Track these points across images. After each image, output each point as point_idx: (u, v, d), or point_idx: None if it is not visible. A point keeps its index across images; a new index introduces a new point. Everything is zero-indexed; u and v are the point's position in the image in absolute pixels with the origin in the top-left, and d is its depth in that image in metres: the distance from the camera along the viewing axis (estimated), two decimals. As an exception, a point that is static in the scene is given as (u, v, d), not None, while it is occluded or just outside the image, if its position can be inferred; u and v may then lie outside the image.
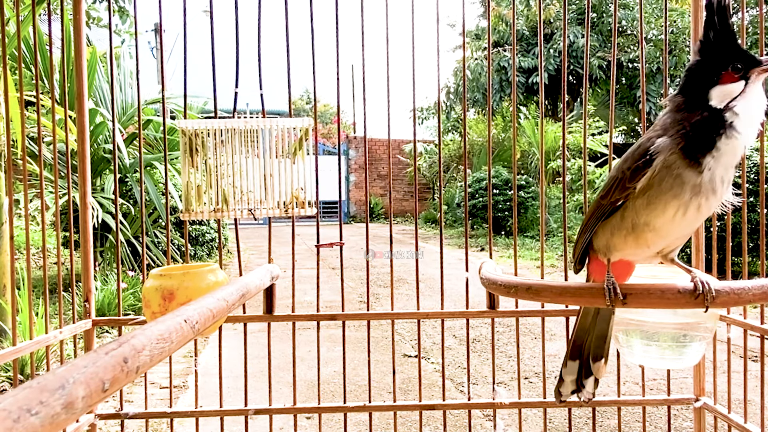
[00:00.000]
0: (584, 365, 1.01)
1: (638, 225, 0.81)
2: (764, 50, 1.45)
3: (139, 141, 1.71)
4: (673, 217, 0.78)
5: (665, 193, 0.77)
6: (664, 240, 0.83)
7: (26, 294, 1.75)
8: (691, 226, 0.80)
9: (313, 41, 1.69)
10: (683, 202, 0.76)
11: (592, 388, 1.03)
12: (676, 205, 0.77)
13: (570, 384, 1.03)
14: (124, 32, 7.07)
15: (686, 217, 0.78)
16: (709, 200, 0.77)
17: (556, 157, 9.39)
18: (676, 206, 0.77)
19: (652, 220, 0.80)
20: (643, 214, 0.80)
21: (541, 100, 1.66)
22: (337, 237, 1.72)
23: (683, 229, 0.81)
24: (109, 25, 1.66)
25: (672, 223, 0.79)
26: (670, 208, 0.77)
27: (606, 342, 1.00)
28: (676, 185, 0.76)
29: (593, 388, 1.03)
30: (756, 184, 4.52)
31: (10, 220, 1.57)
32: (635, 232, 0.82)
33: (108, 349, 0.52)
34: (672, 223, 0.79)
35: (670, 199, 0.77)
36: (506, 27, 12.54)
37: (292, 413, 1.66)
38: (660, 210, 0.78)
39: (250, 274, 1.25)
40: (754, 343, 2.74)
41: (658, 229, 0.80)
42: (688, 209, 0.77)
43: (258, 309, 1.65)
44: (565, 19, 1.64)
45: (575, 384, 1.03)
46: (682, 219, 0.78)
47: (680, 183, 0.76)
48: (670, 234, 0.81)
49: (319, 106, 16.97)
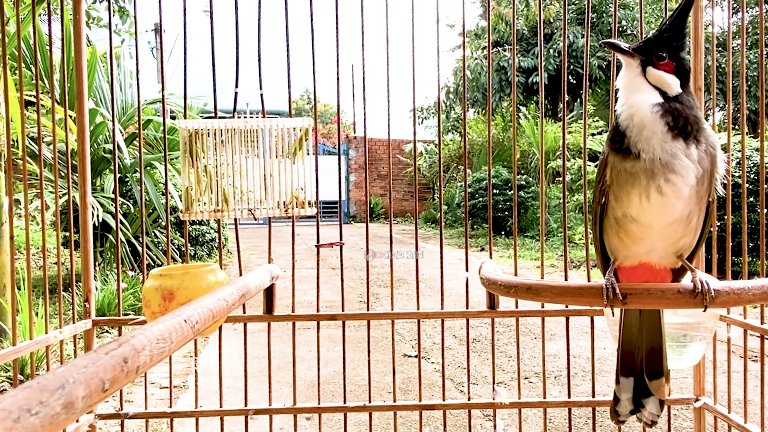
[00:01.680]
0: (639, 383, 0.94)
1: (619, 219, 0.85)
2: (764, 50, 1.45)
3: (139, 141, 1.71)
4: (640, 204, 0.81)
5: (624, 186, 0.82)
6: (652, 231, 0.84)
7: (26, 294, 1.75)
8: (671, 209, 0.80)
9: (313, 41, 1.69)
10: (642, 188, 0.80)
11: (656, 409, 0.93)
12: (637, 192, 0.81)
13: (627, 403, 0.95)
14: (124, 32, 7.07)
15: (653, 202, 0.80)
16: (671, 180, 0.79)
17: (556, 157, 9.38)
18: (637, 193, 0.81)
19: (626, 210, 0.83)
20: (618, 207, 0.84)
21: (541, 100, 1.66)
22: (337, 237, 1.72)
23: (664, 216, 0.81)
24: (109, 25, 1.66)
25: (644, 209, 0.81)
26: (633, 196, 0.81)
27: (661, 357, 0.93)
28: (628, 176, 0.81)
29: (657, 410, 0.93)
30: (756, 184, 4.52)
31: (10, 220, 1.57)
32: (621, 227, 0.86)
33: (108, 349, 0.52)
34: (644, 209, 0.81)
35: (630, 189, 0.81)
36: (506, 27, 12.53)
37: (292, 413, 1.66)
38: (626, 200, 0.83)
39: (250, 274, 1.25)
40: (754, 343, 2.74)
41: (637, 219, 0.83)
42: (650, 193, 0.80)
43: (258, 309, 1.65)
44: (565, 19, 1.64)
45: (632, 403, 0.95)
46: (649, 204, 0.81)
47: (629, 173, 0.81)
48: (655, 221, 0.82)
49: (319, 106, 16.98)
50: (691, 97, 0.84)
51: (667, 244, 0.86)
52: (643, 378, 0.93)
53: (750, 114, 10.37)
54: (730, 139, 1.65)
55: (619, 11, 9.28)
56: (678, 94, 0.83)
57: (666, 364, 0.93)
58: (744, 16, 1.65)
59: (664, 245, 0.86)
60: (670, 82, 0.83)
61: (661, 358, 0.93)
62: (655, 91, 0.83)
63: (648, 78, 0.84)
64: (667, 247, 0.86)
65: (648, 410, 0.94)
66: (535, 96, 12.29)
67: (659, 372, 0.93)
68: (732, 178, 1.63)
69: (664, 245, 0.86)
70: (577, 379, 2.88)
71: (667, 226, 0.83)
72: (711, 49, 1.59)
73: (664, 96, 0.82)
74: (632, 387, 0.94)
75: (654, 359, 0.93)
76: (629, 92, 0.84)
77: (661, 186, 0.79)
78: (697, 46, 1.62)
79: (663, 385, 0.92)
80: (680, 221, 0.82)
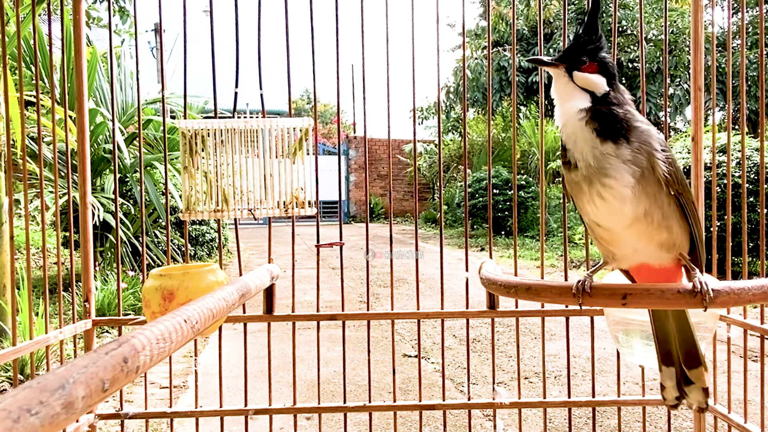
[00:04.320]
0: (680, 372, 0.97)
1: (588, 224, 0.90)
2: (764, 50, 1.45)
3: (139, 141, 1.71)
4: (593, 209, 0.85)
5: (577, 195, 0.87)
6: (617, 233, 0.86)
7: (26, 294, 1.75)
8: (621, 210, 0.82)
9: (313, 41, 1.69)
10: (586, 196, 0.84)
11: (701, 396, 0.96)
12: (585, 200, 0.85)
13: (672, 389, 0.98)
14: (124, 32, 7.07)
15: (599, 206, 0.83)
16: (608, 184, 0.81)
17: (556, 157, 9.38)
18: (585, 200, 0.85)
19: (589, 217, 0.87)
20: (583, 215, 0.89)
21: (541, 100, 1.66)
22: (337, 237, 1.72)
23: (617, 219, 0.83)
24: (109, 25, 1.66)
25: (597, 215, 0.85)
26: (584, 203, 0.86)
27: (696, 348, 0.95)
28: (574, 186, 0.86)
29: (702, 396, 0.96)
30: (756, 184, 4.52)
31: (10, 220, 1.57)
32: (593, 231, 0.90)
33: (108, 349, 0.52)
34: (597, 215, 0.85)
35: (581, 197, 0.86)
36: (506, 26, 12.54)
37: (292, 413, 1.66)
38: (582, 207, 0.87)
39: (250, 274, 1.25)
40: (754, 343, 2.74)
41: (600, 224, 0.87)
42: (593, 198, 0.83)
43: (258, 309, 1.65)
44: (565, 19, 1.64)
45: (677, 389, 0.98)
46: (598, 209, 0.84)
47: (575, 183, 0.85)
48: (613, 224, 0.85)
49: (319, 106, 16.97)
50: (619, 93, 0.87)
51: (649, 244, 0.86)
52: (683, 368, 0.96)
53: (750, 114, 10.36)
54: (730, 139, 1.65)
55: (619, 11, 9.28)
56: (606, 92, 0.86)
57: (701, 354, 0.96)
58: (744, 16, 1.65)
59: (645, 245, 0.86)
60: (597, 82, 0.86)
61: (696, 349, 0.95)
62: (585, 94, 0.86)
63: (576, 82, 0.87)
64: (651, 247, 0.87)
65: (693, 397, 0.97)
66: (535, 96, 12.29)
67: (696, 362, 0.96)
68: (732, 178, 1.63)
69: (645, 245, 0.86)
70: (577, 379, 2.88)
71: (629, 227, 0.84)
72: (711, 49, 1.59)
73: (593, 98, 0.85)
74: (674, 375, 0.97)
75: (689, 350, 0.96)
76: (561, 100, 0.88)
77: (600, 191, 0.82)
78: (697, 46, 1.62)
79: (703, 374, 0.95)
80: (641, 220, 0.83)
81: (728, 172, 1.61)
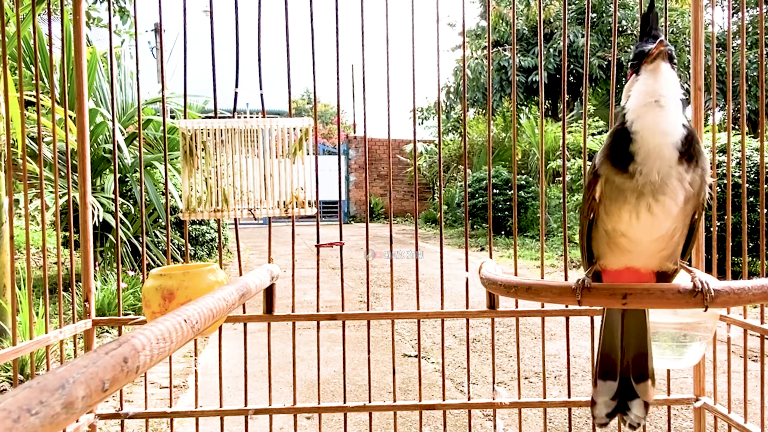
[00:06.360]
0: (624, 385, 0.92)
1: (609, 232, 0.84)
2: (764, 50, 1.45)
3: (139, 141, 1.71)
4: (630, 221, 0.80)
5: (615, 202, 0.81)
6: (641, 243, 0.83)
7: (26, 294, 1.75)
8: (659, 226, 0.80)
9: (313, 41, 1.69)
10: (632, 206, 0.79)
11: (642, 412, 0.91)
12: (628, 209, 0.80)
13: (603, 406, 0.93)
14: (124, 32, 7.06)
15: (642, 220, 0.80)
16: (661, 201, 0.78)
17: (556, 157, 9.38)
18: (628, 211, 0.80)
19: (616, 225, 0.82)
20: (608, 221, 0.83)
21: (541, 100, 1.66)
22: (337, 237, 1.72)
23: (653, 231, 0.81)
24: (109, 25, 1.66)
25: (633, 226, 0.81)
26: (623, 213, 0.80)
27: (648, 360, 0.91)
28: (619, 193, 0.80)
29: (643, 412, 0.91)
30: (756, 184, 4.52)
31: (10, 220, 1.57)
32: (611, 238, 0.85)
33: (108, 349, 0.52)
34: (633, 226, 0.81)
35: (621, 205, 0.80)
36: (506, 26, 12.53)
37: (292, 413, 1.66)
38: (617, 216, 0.81)
39: (250, 274, 1.25)
40: (754, 343, 2.74)
41: (627, 234, 0.83)
42: (640, 212, 0.79)
43: (258, 309, 1.65)
44: (565, 19, 1.64)
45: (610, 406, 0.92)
46: (639, 222, 0.80)
47: (621, 191, 0.79)
48: (643, 236, 0.82)
49: (319, 106, 16.97)
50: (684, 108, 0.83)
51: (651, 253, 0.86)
52: (630, 380, 0.92)
53: (750, 114, 10.37)
54: (730, 139, 1.65)
55: (619, 11, 9.30)
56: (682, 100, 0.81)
57: (652, 366, 0.92)
58: (744, 16, 1.65)
59: (648, 254, 0.86)
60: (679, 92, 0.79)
61: (647, 361, 0.92)
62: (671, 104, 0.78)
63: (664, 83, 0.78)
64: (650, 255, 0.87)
65: (633, 413, 0.92)
66: (535, 95, 12.29)
67: (644, 375, 0.92)
68: (732, 178, 1.63)
69: (648, 254, 0.86)
70: (577, 379, 2.88)
71: (654, 240, 0.83)
72: (711, 49, 1.59)
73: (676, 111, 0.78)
74: (611, 390, 0.93)
75: (640, 362, 0.92)
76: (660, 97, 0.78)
77: (651, 205, 0.78)
78: (697, 46, 1.62)
79: (649, 388, 0.91)
80: (666, 236, 0.82)
81: (728, 172, 1.61)
